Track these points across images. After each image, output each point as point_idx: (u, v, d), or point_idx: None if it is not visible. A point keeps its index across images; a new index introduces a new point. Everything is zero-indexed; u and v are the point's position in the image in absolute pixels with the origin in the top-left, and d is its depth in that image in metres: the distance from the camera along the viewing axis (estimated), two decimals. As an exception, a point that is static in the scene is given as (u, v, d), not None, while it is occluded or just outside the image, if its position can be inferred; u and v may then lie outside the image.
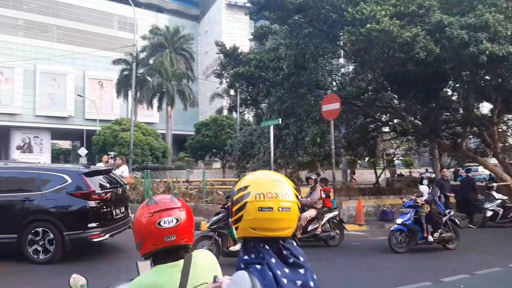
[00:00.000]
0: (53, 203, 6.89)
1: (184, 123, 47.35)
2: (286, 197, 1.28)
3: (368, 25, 10.60)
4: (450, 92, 15.71)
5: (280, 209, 1.26)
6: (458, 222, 8.83)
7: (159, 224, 1.53)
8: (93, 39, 51.64)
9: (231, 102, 29.35)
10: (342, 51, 15.79)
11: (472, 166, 19.76)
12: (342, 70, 18.59)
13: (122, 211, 7.66)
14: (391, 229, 8.62)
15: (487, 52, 9.59)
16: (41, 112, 48.02)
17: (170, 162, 34.40)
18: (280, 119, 14.05)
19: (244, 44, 28.52)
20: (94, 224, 6.87)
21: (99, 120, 41.52)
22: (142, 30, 42.93)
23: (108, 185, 7.58)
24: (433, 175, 9.28)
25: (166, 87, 36.91)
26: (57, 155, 57.55)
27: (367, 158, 24.52)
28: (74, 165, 9.53)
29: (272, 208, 1.25)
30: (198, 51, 56.32)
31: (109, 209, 7.25)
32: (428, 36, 10.69)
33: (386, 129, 19.58)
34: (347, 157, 21.31)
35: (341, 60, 19.22)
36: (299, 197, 8.05)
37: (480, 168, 23.52)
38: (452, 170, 21.91)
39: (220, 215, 7.19)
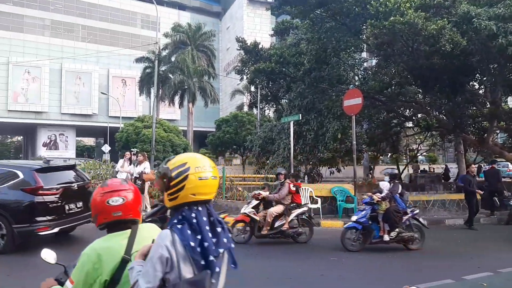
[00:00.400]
0: (5, 197, 7.30)
1: (205, 119, 47.69)
2: (213, 169, 1.71)
3: (392, 18, 10.36)
4: (477, 86, 15.24)
5: (212, 177, 1.69)
6: (423, 222, 8.29)
7: (107, 202, 1.94)
8: (117, 38, 52.50)
9: (252, 98, 29.30)
10: (364, 45, 15.51)
11: (501, 161, 19.17)
12: (365, 64, 18.29)
13: (78, 206, 7.86)
14: (344, 226, 8.28)
15: (517, 43, 9.25)
16: (66, 110, 49.13)
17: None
18: (300, 115, 13.95)
19: (265, 40, 28.45)
20: (42, 218, 7.18)
21: (122, 117, 42.18)
22: (165, 28, 43.45)
23: (63, 181, 7.88)
24: (396, 171, 8.67)
25: (188, 84, 37.15)
26: (82, 152, 58.85)
27: (389, 154, 24.09)
28: (32, 161, 10.10)
29: (207, 177, 1.67)
30: (219, 47, 56.53)
31: (59, 204, 7.49)
32: (455, 28, 10.36)
33: (410, 124, 19.18)
34: (369, 153, 20.98)
35: (364, 54, 18.91)
36: (267, 193, 7.98)
37: (510, 164, 22.84)
38: (476, 166, 21.36)
39: (157, 207, 7.15)
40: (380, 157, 24.53)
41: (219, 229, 1.65)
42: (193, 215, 1.62)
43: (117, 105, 45.42)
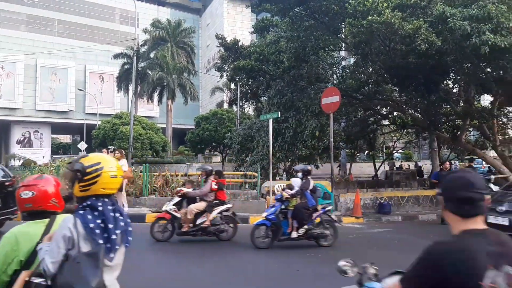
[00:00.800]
0: None
1: (184, 116, 47.31)
2: (118, 169, 2.06)
3: (370, 17, 10.46)
4: (451, 85, 15.59)
5: (120, 176, 2.06)
6: (334, 218, 8.23)
7: (20, 195, 2.26)
8: (95, 33, 51.55)
9: (232, 96, 29.20)
10: (343, 43, 15.67)
11: (477, 158, 19.76)
12: (343, 63, 18.47)
13: None
14: (254, 223, 8.07)
15: (489, 43, 9.43)
16: (41, 107, 47.98)
17: (170, 156, 34.38)
18: (279, 113, 13.97)
19: (246, 38, 28.38)
20: None
21: (99, 114, 41.52)
22: (144, 24, 42.88)
23: None
24: (308, 167, 8.41)
25: (167, 81, 36.83)
26: (57, 149, 57.61)
27: (366, 151, 24.44)
28: None
29: (116, 175, 2.03)
30: (199, 44, 56.18)
31: None
32: (430, 28, 10.55)
33: (386, 122, 19.49)
34: (347, 150, 21.22)
35: (342, 53, 19.08)
36: (190, 189, 7.92)
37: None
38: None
39: None
40: (357, 154, 24.87)
41: (117, 215, 2.02)
42: (100, 203, 1.97)
43: (94, 101, 44.62)
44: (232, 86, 27.41)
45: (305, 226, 7.69)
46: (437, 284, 1.54)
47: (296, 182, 8.04)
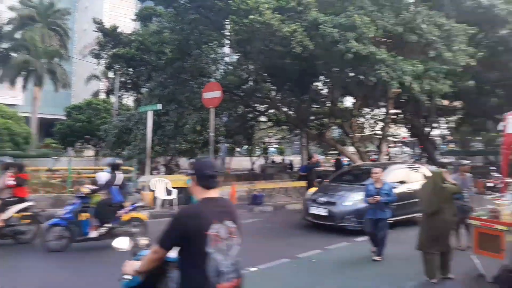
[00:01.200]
0: None
1: (54, 106, 42.99)
2: None
3: (252, 16, 10.88)
4: (320, 86, 17.07)
5: None
6: (145, 215, 7.75)
7: None
8: None
9: (110, 85, 27.59)
10: (227, 40, 16.00)
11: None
12: (227, 59, 18.84)
13: None
14: (48, 223, 7.01)
15: (353, 50, 10.62)
16: None
17: (34, 149, 31.01)
18: (160, 105, 13.64)
19: (128, 25, 27.10)
20: None
21: None
22: (10, 0, 37.91)
23: None
24: (118, 161, 7.78)
25: (34, 65, 33.15)
26: None
27: (245, 146, 25.36)
28: None
29: None
30: (75, 28, 51.78)
31: None
32: (305, 33, 11.37)
33: (263, 118, 20.50)
34: (227, 145, 21.75)
35: (226, 50, 19.47)
36: None
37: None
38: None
39: None
40: (237, 148, 25.64)
41: None
42: None
43: None
44: (111, 74, 25.88)
45: (108, 225, 7.03)
46: (181, 235, 2.17)
47: (102, 176, 7.45)
